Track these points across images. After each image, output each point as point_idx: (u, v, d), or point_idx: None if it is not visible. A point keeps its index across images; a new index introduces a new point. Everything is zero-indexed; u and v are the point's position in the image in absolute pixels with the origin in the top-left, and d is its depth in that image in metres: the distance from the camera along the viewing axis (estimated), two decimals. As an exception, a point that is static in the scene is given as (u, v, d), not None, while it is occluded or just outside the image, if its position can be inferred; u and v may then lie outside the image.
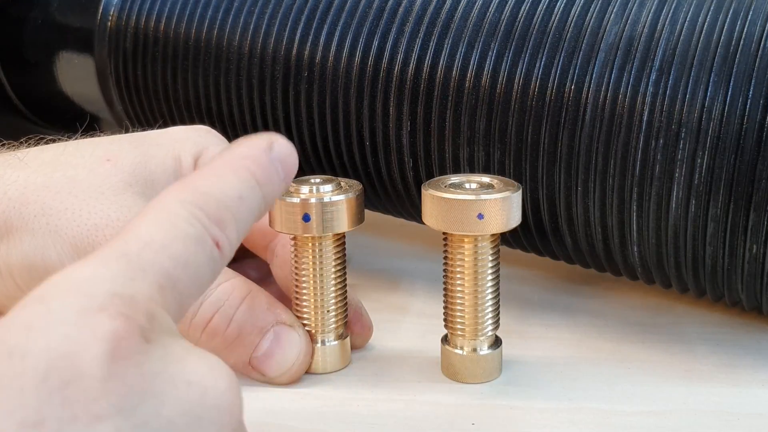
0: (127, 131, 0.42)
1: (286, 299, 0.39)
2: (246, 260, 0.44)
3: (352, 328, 0.40)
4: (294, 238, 0.37)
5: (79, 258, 0.35)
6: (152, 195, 0.38)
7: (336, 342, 0.38)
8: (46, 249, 0.36)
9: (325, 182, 0.37)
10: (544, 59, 0.38)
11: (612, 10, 0.38)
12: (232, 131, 0.49)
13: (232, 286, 0.37)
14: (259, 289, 0.37)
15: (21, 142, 0.40)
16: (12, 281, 0.37)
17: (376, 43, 0.42)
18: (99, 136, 0.41)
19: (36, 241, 0.36)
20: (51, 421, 0.20)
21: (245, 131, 0.48)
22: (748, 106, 0.34)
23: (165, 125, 0.51)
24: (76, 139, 0.40)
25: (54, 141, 0.40)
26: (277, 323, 0.37)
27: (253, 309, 0.37)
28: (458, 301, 0.36)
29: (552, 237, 0.41)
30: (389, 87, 0.42)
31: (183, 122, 0.51)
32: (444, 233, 0.36)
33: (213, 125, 0.49)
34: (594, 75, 0.37)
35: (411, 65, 0.41)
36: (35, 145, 0.40)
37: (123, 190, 0.37)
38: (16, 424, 0.20)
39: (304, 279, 0.37)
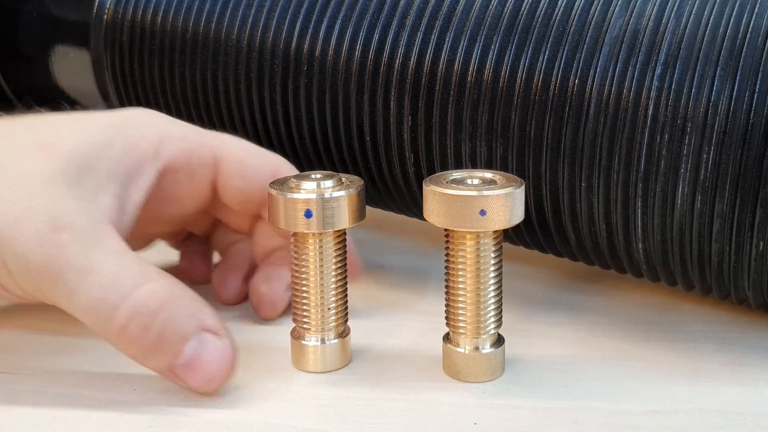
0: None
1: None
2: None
3: None
4: (294, 235, 0.37)
5: (3, 253, 0.33)
6: (91, 183, 0.36)
7: (336, 340, 0.38)
8: None
9: (325, 178, 0.36)
10: (547, 53, 0.38)
11: (616, 3, 0.38)
12: (230, 126, 0.48)
13: (150, 291, 0.33)
14: (184, 293, 0.35)
15: None
16: None
17: (376, 36, 0.42)
18: (40, 113, 0.39)
19: None
20: None
21: (243, 126, 0.47)
22: (754, 101, 0.34)
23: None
24: (13, 116, 0.38)
25: None
26: (202, 330, 0.34)
27: (175, 315, 0.34)
28: (460, 298, 0.36)
29: (555, 234, 0.41)
30: (390, 81, 0.42)
31: (180, 117, 0.50)
32: (445, 230, 0.36)
33: (210, 120, 0.49)
34: (598, 69, 0.37)
35: (412, 59, 0.41)
36: None
37: (51, 180, 0.34)
38: None
39: (304, 276, 0.37)
